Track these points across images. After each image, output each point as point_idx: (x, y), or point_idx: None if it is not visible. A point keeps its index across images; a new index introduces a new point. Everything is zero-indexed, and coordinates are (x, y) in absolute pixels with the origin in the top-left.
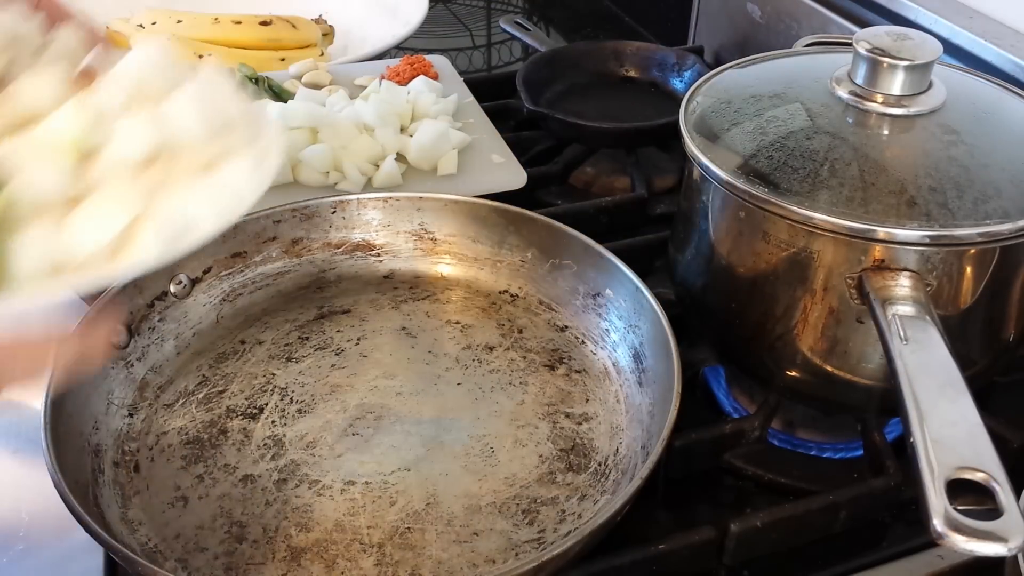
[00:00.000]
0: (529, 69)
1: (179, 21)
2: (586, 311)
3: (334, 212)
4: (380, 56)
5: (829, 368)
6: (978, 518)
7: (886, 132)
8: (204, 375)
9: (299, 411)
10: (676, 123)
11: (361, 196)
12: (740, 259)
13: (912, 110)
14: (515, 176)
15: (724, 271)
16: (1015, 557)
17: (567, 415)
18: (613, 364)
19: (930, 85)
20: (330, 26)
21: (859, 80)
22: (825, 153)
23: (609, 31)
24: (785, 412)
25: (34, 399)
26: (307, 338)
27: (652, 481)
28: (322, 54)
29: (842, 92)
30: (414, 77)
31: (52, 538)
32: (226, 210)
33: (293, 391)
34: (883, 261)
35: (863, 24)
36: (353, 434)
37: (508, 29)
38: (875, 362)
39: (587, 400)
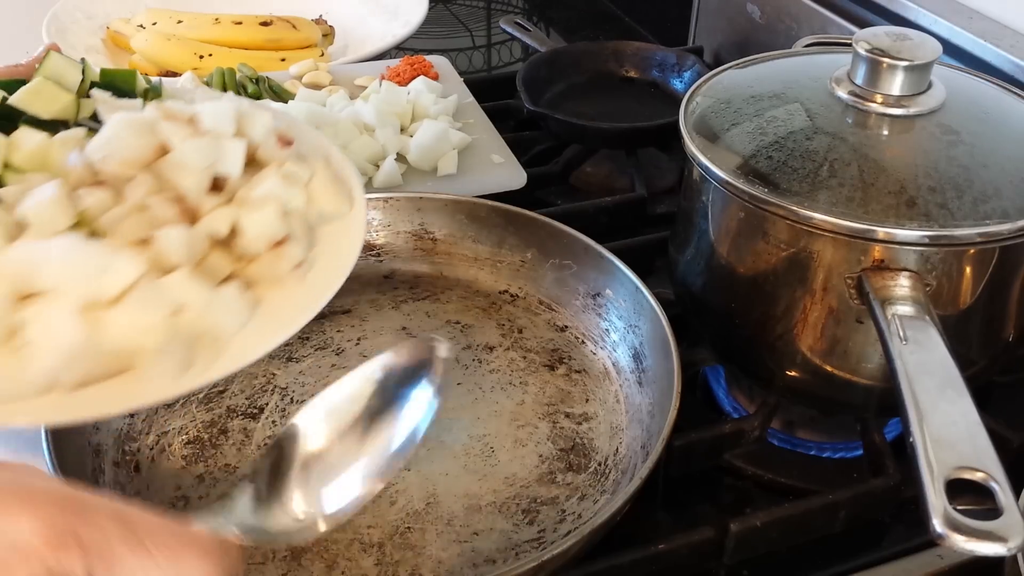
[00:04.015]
0: (529, 69)
1: (179, 21)
2: (586, 311)
3: None
4: (380, 56)
5: (829, 368)
6: (978, 518)
7: (886, 132)
8: None
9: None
10: (676, 123)
11: None
12: (740, 259)
13: (912, 110)
14: (515, 176)
15: (724, 271)
16: (1015, 557)
17: (567, 415)
18: (613, 364)
19: (930, 85)
20: (330, 26)
21: (859, 80)
22: (825, 153)
23: (609, 31)
24: (785, 412)
25: None
26: (307, 338)
27: (652, 481)
28: (322, 54)
29: (842, 92)
30: (414, 77)
31: None
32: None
33: (294, 391)
34: (883, 261)
35: (863, 24)
36: None
37: (508, 30)
38: (875, 362)
39: (587, 400)
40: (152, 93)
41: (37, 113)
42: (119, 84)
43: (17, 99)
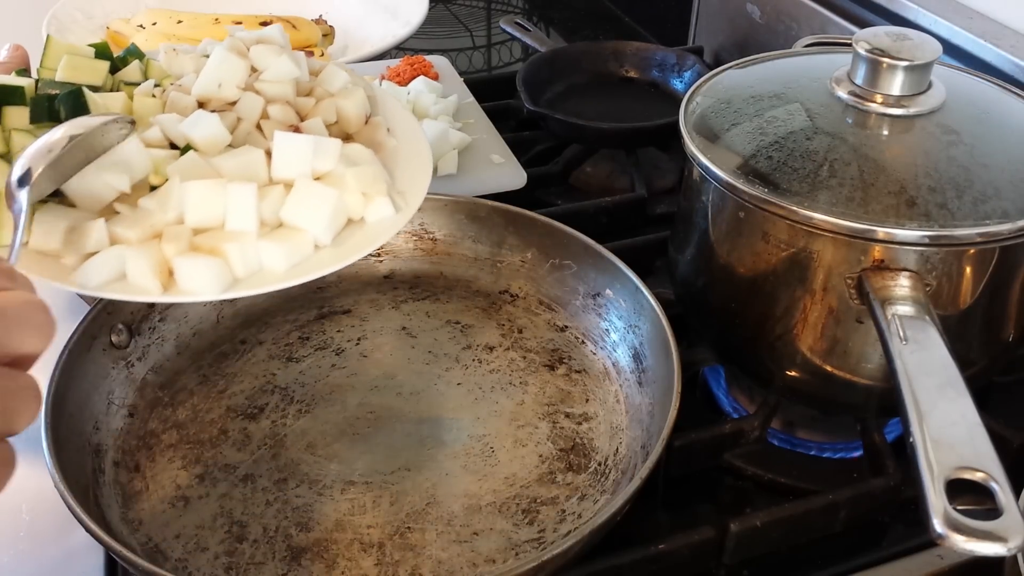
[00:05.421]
0: (529, 69)
1: (179, 21)
2: (586, 311)
3: None
4: (380, 56)
5: (829, 368)
6: (978, 518)
7: (886, 132)
8: (204, 375)
9: (299, 411)
10: (676, 123)
11: None
12: (740, 259)
13: (912, 110)
14: (515, 176)
15: (724, 271)
16: (1015, 557)
17: (567, 415)
18: (613, 364)
19: (930, 85)
20: (330, 26)
21: (859, 80)
22: (825, 153)
23: (609, 31)
24: (785, 412)
25: None
26: (307, 338)
27: (652, 481)
28: (322, 54)
29: (842, 92)
30: (414, 77)
31: (52, 538)
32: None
33: (293, 391)
34: (883, 261)
35: (863, 24)
36: (353, 434)
37: (508, 30)
38: (875, 362)
39: (587, 400)
40: (132, 56)
41: (89, 83)
42: (105, 50)
43: (64, 76)
